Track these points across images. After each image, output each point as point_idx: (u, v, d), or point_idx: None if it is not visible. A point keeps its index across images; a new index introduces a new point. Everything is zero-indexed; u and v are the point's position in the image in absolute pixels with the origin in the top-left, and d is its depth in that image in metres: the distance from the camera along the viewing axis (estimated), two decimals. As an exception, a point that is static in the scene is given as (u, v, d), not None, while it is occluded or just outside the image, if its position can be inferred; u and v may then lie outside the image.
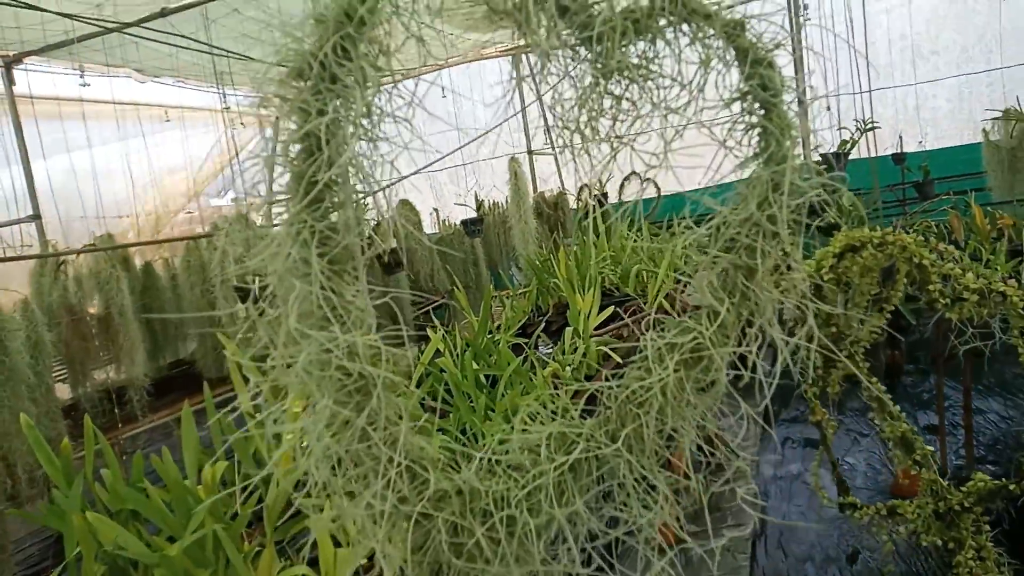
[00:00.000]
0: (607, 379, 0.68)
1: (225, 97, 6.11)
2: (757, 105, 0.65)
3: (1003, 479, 1.57)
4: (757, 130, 0.66)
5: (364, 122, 0.64)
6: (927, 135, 7.22)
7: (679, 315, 0.68)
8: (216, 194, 8.22)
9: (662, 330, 0.68)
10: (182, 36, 5.13)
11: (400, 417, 0.62)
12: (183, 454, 2.01)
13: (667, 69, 0.65)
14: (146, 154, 6.87)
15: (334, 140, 0.60)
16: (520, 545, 0.62)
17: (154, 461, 1.87)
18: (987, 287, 1.47)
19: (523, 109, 7.60)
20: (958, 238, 4.53)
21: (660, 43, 0.64)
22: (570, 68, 0.64)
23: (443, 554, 0.62)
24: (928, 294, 1.56)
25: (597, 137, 0.65)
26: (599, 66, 0.63)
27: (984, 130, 5.64)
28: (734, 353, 0.65)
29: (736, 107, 0.66)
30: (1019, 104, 5.48)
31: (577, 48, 0.64)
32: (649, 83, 0.65)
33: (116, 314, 4.16)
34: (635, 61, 0.64)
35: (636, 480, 0.64)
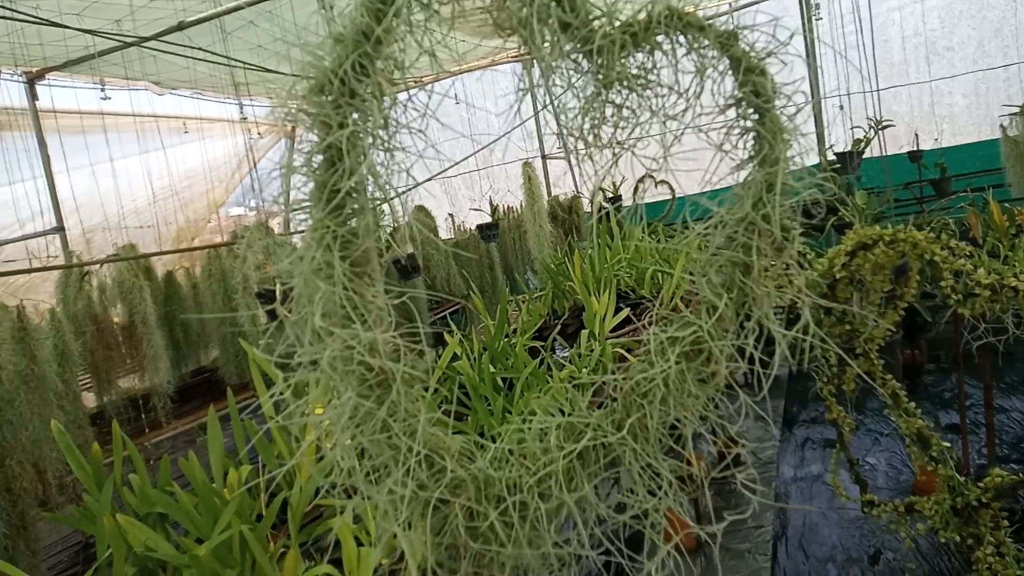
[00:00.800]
0: (613, 373, 0.71)
1: (242, 108, 6.22)
2: (751, 111, 0.68)
3: (1021, 474, 1.57)
4: (751, 134, 0.69)
5: (381, 133, 0.68)
6: (943, 132, 7.16)
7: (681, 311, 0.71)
8: (235, 203, 8.35)
9: (665, 325, 0.71)
10: (199, 49, 5.23)
11: (419, 409, 0.66)
12: (209, 457, 2.06)
13: (665, 78, 0.68)
14: (166, 165, 7.00)
15: (354, 151, 0.64)
16: (532, 529, 0.66)
17: (181, 463, 1.92)
18: (999, 282, 1.48)
19: (536, 114, 7.65)
20: (976, 235, 4.50)
21: (658, 54, 0.67)
22: (573, 79, 0.67)
23: (460, 537, 0.66)
24: (940, 290, 1.57)
25: (599, 143, 0.68)
26: (600, 77, 0.66)
27: (1002, 126, 5.59)
28: (734, 346, 0.69)
29: (731, 113, 0.69)
30: (1036, 99, 5.43)
31: (579, 60, 0.67)
32: (648, 92, 0.68)
33: (139, 323, 4.25)
34: (634, 72, 0.68)
35: (641, 468, 0.67)
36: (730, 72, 0.67)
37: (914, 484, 3.33)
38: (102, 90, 5.93)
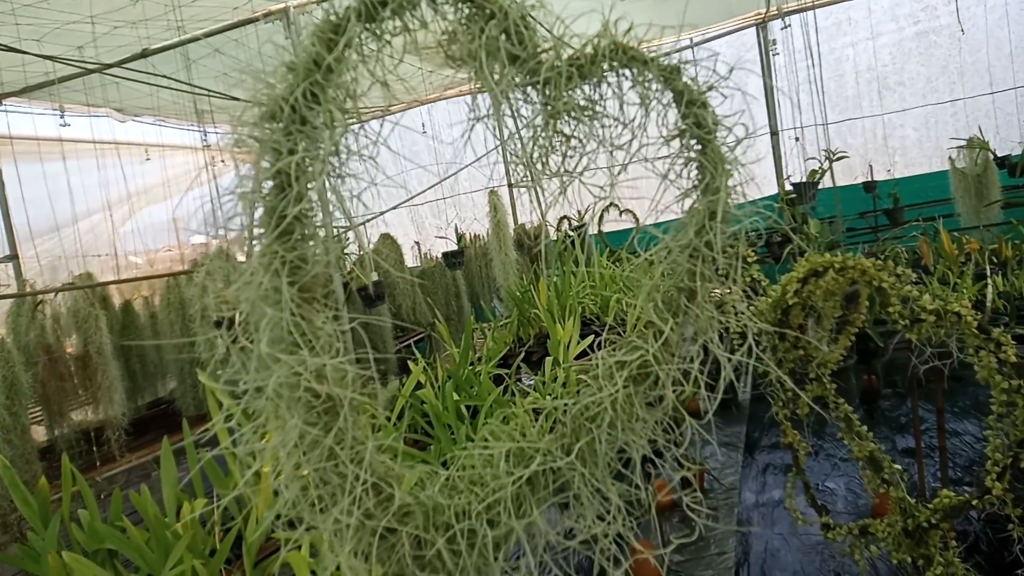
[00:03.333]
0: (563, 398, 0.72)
1: (206, 135, 6.17)
2: (694, 142, 0.70)
3: (967, 495, 1.61)
4: (695, 164, 0.71)
5: (332, 160, 0.68)
6: (896, 163, 7.42)
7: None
8: (198, 231, 8.23)
9: (613, 349, 0.72)
10: (163, 76, 5.19)
11: (367, 437, 0.66)
12: (162, 491, 2.00)
13: (611, 110, 0.70)
14: (126, 192, 6.88)
15: (303, 177, 0.65)
16: (480, 556, 0.65)
17: (132, 497, 1.87)
18: (943, 308, 1.53)
19: (502, 143, 7.72)
20: (927, 263, 4.65)
21: (604, 86, 0.70)
22: (522, 110, 0.69)
23: (407, 566, 0.65)
24: (889, 316, 1.61)
25: (548, 172, 0.70)
26: (548, 108, 0.68)
27: (950, 158, 5.81)
28: (682, 369, 0.70)
29: (675, 144, 0.71)
30: (981, 133, 5.67)
31: (528, 92, 0.69)
32: (595, 123, 0.70)
33: (94, 353, 4.13)
34: (581, 103, 0.70)
35: (590, 492, 0.67)
36: (673, 104, 0.70)
37: (873, 508, 3.38)
38: (61, 116, 5.84)
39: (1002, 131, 6.63)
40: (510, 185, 8.50)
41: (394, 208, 6.22)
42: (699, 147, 0.71)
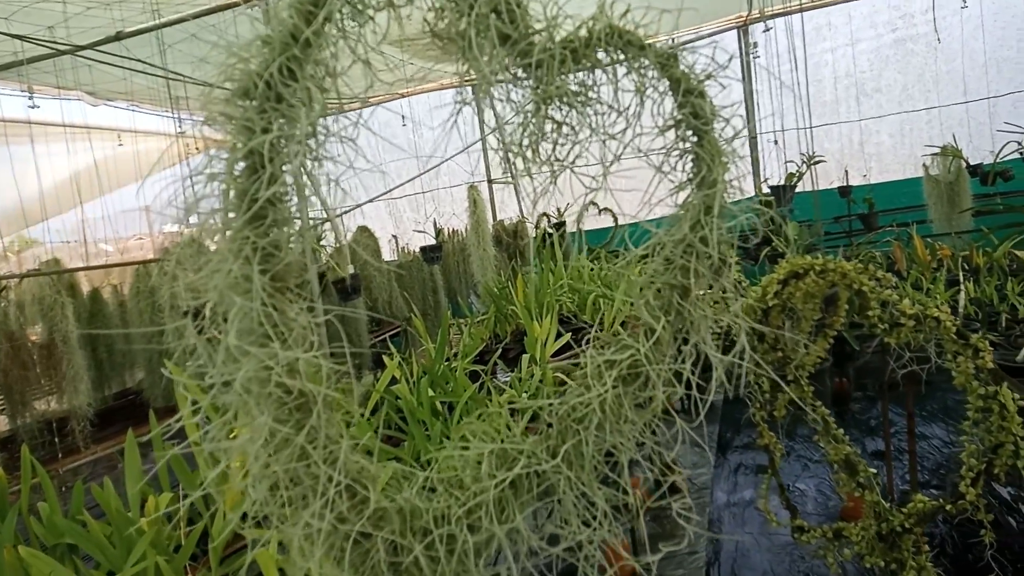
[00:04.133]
0: (549, 399, 0.69)
1: (180, 121, 6.04)
2: (690, 132, 0.68)
3: (941, 500, 1.62)
4: (690, 156, 0.69)
5: (309, 142, 0.64)
6: (871, 169, 7.52)
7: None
8: (169, 218, 8.07)
9: (603, 347, 0.69)
10: (137, 60, 5.06)
11: (341, 435, 0.62)
12: (126, 485, 1.94)
13: (605, 97, 0.67)
14: (97, 178, 6.72)
15: (277, 158, 0.61)
16: (459, 563, 0.62)
17: (94, 491, 1.81)
18: (923, 313, 1.53)
19: (483, 138, 7.68)
20: (901, 268, 4.71)
21: (599, 72, 0.67)
22: (512, 93, 0.66)
23: (382, 573, 0.62)
24: (868, 319, 1.61)
25: (538, 159, 0.67)
26: (539, 92, 0.65)
27: (924, 165, 5.89)
28: (671, 371, 0.67)
29: (671, 134, 0.69)
30: (955, 141, 5.75)
31: (519, 75, 0.66)
32: (588, 109, 0.67)
33: (60, 342, 4.03)
34: (574, 88, 0.67)
35: (576, 497, 0.65)
36: (670, 93, 0.67)
37: (842, 510, 3.40)
38: (30, 98, 5.67)
39: (975, 140, 6.75)
40: (490, 180, 8.46)
41: (372, 200, 6.16)
42: (695, 139, 0.68)
